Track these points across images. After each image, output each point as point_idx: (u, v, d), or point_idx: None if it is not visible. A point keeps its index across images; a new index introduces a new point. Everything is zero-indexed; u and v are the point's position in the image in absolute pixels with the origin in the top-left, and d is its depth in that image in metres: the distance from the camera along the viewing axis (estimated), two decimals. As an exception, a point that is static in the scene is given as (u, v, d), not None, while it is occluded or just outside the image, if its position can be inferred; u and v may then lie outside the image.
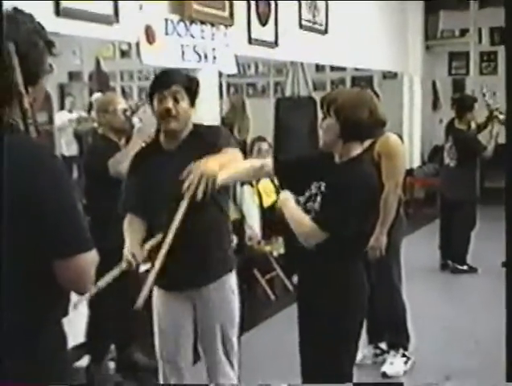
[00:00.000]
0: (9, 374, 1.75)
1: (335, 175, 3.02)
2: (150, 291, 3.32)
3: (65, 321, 2.06)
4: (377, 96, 4.57)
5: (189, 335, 3.46)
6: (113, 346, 4.67)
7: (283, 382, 3.45)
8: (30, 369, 1.83)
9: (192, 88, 3.30)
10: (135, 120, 4.35)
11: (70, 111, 10.67)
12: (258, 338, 5.32)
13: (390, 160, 4.40)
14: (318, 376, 3.14)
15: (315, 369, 3.18)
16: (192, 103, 3.31)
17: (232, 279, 3.44)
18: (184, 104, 3.26)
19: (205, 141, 3.31)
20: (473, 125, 7.26)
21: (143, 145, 3.73)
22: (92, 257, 1.87)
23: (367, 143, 4.47)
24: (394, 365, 4.64)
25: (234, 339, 3.49)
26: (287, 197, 3.16)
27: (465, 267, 7.17)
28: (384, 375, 4.61)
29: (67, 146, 10.45)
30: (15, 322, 1.77)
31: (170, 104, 3.21)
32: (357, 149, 3.07)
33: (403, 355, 4.69)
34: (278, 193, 6.33)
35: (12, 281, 1.75)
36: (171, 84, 3.23)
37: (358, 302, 3.12)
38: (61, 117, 10.66)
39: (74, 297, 2.10)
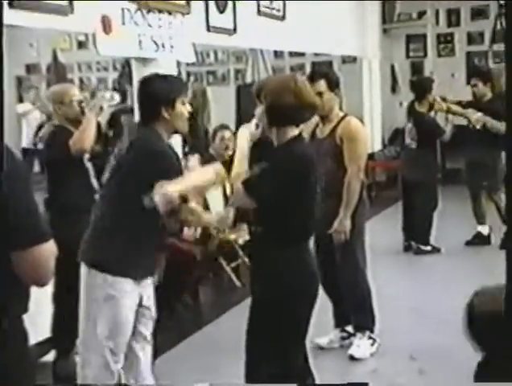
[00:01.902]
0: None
1: (271, 158, 3.09)
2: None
3: (30, 316, 2.04)
4: (335, 80, 4.60)
5: None
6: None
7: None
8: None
9: None
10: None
11: (33, 103, 10.45)
12: (225, 326, 5.33)
13: (352, 144, 4.44)
14: (259, 372, 3.15)
15: (255, 364, 3.18)
16: None
17: None
18: None
19: None
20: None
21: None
22: (49, 248, 1.89)
23: (329, 127, 4.51)
24: (361, 347, 4.68)
25: None
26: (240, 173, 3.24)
27: (429, 247, 7.24)
28: (351, 357, 4.65)
29: (28, 139, 10.28)
30: None
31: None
32: (293, 132, 3.12)
33: (369, 338, 4.73)
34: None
35: None
36: (187, 87, 3.60)
37: (295, 290, 3.09)
38: (23, 108, 10.48)
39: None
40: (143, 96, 3.42)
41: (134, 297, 3.36)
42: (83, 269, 3.36)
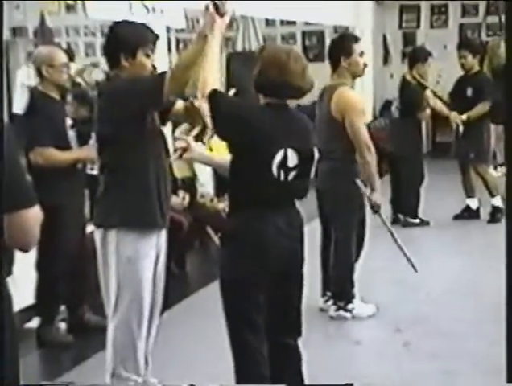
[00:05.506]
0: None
1: None
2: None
3: (14, 282, 2.02)
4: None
5: None
6: (63, 307, 4.61)
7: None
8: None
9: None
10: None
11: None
12: (212, 295, 5.30)
13: None
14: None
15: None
16: None
17: None
18: None
19: None
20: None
21: None
22: (35, 213, 1.88)
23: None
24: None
25: None
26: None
27: (417, 220, 7.21)
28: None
29: (21, 104, 10.08)
30: None
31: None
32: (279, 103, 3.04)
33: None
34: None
35: None
36: (155, 39, 3.38)
37: (236, 257, 3.04)
38: (24, 74, 10.28)
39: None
40: (106, 42, 3.41)
41: (152, 255, 3.40)
42: (98, 235, 3.37)
